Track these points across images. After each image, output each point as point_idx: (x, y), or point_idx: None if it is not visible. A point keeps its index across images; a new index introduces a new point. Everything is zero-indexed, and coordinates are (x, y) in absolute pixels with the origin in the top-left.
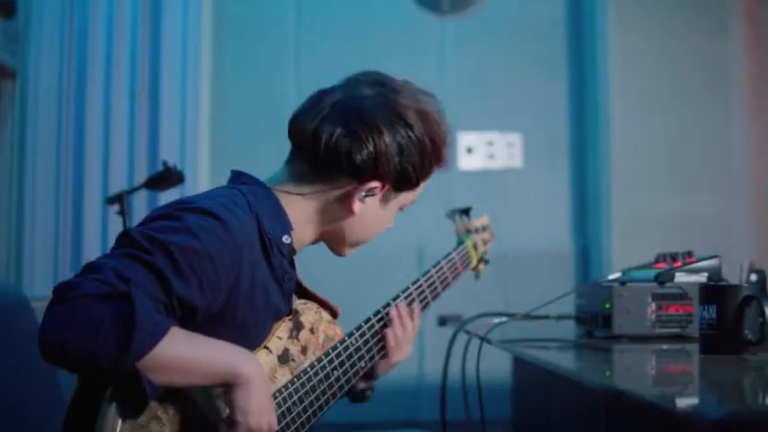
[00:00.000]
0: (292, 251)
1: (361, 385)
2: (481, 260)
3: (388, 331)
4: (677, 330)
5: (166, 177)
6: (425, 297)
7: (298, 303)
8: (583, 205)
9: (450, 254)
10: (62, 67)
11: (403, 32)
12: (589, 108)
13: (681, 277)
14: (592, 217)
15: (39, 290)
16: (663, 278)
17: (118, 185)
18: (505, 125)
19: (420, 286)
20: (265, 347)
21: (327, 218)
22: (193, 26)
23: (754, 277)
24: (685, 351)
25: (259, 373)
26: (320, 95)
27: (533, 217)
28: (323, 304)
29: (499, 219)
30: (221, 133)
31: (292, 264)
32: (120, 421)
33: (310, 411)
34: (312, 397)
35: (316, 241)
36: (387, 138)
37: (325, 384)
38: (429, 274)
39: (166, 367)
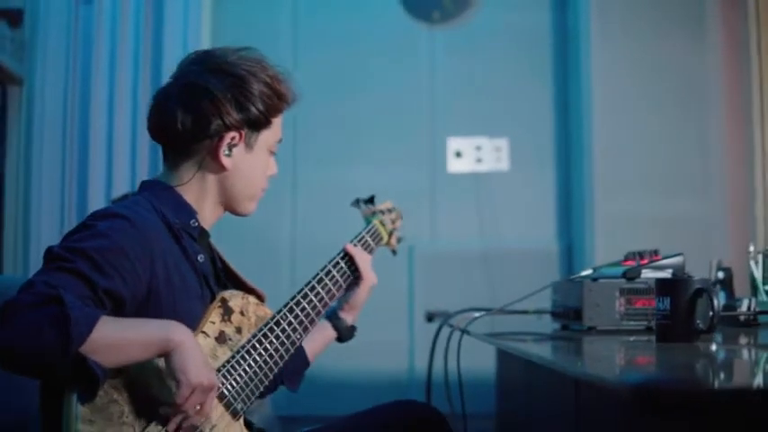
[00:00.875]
0: (204, 233)
1: (350, 320)
2: (392, 235)
3: (358, 255)
4: (644, 323)
5: None
6: (345, 272)
7: (224, 292)
8: (567, 207)
9: (360, 233)
10: (67, 74)
11: (395, 41)
12: (573, 114)
13: (648, 273)
14: (576, 218)
15: None
16: (630, 274)
17: (121, 188)
18: (493, 130)
19: (337, 263)
20: (202, 332)
21: (213, 185)
22: (193, 36)
23: (721, 274)
24: (645, 341)
25: (188, 337)
26: (156, 95)
27: (520, 218)
28: (249, 290)
29: (486, 220)
30: None
31: (210, 246)
32: (80, 407)
33: (257, 379)
34: (255, 367)
35: (223, 212)
36: (220, 97)
37: (266, 355)
38: (343, 252)
39: (106, 348)
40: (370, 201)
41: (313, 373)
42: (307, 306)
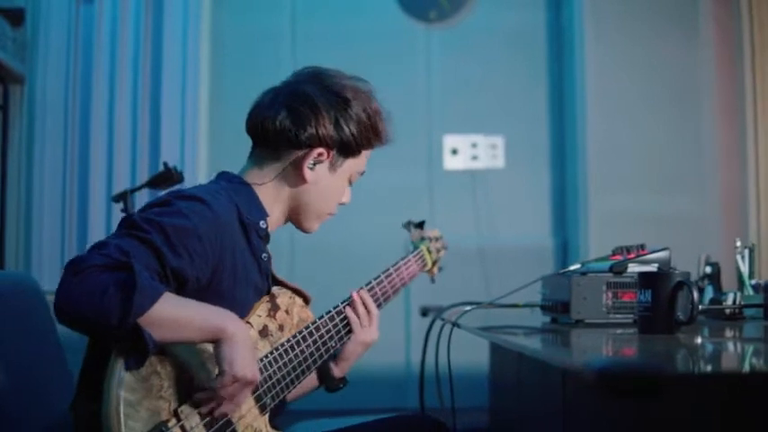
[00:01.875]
0: (267, 236)
1: (335, 371)
2: (435, 264)
3: (350, 311)
4: (631, 316)
5: (167, 177)
6: (386, 291)
7: (274, 288)
8: (562, 204)
9: (407, 256)
10: (68, 73)
11: (392, 41)
12: (568, 112)
13: (634, 268)
14: (570, 215)
15: (47, 284)
16: (617, 269)
17: (121, 185)
18: (489, 128)
19: (381, 281)
20: (247, 322)
21: (289, 194)
22: (193, 36)
23: (709, 269)
24: (630, 333)
25: (242, 331)
26: (265, 93)
27: (515, 215)
28: (296, 291)
29: (482, 217)
30: (219, 136)
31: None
32: (126, 372)
33: (288, 379)
34: (289, 367)
35: (286, 221)
36: (323, 110)
37: (301, 358)
38: (388, 272)
39: (163, 323)
40: (420, 225)
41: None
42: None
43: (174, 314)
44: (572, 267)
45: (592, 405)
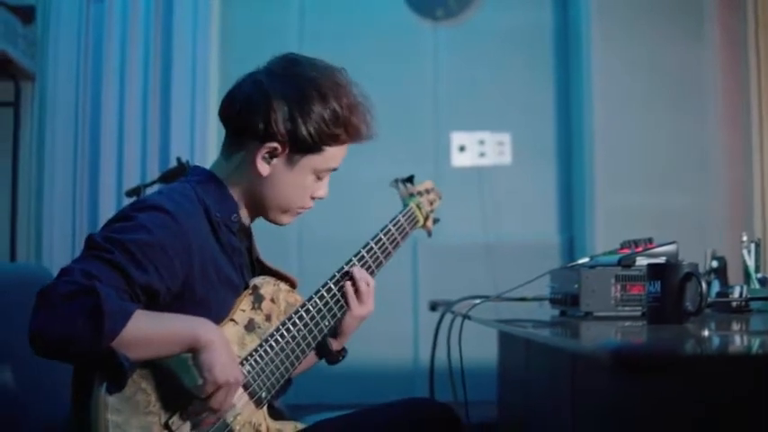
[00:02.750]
0: (243, 228)
1: (334, 345)
2: (428, 218)
3: (348, 287)
4: (639, 309)
5: (180, 172)
6: (377, 257)
7: (256, 279)
8: (569, 200)
9: (396, 216)
10: (78, 70)
11: (400, 38)
12: (574, 110)
13: (642, 261)
14: (577, 211)
15: None
16: (625, 262)
17: (131, 180)
18: (496, 125)
19: (371, 249)
20: (231, 320)
21: (247, 186)
22: (202, 33)
23: (715, 263)
24: (639, 325)
25: (217, 336)
26: (239, 79)
27: (522, 211)
28: (281, 277)
29: (489, 213)
30: None
31: (250, 239)
32: (108, 397)
33: (283, 368)
34: (282, 356)
35: (255, 214)
36: (276, 105)
37: (293, 344)
38: (378, 237)
39: (137, 343)
40: (409, 180)
41: (318, 363)
42: (337, 293)
43: (146, 332)
44: (581, 261)
45: (601, 394)
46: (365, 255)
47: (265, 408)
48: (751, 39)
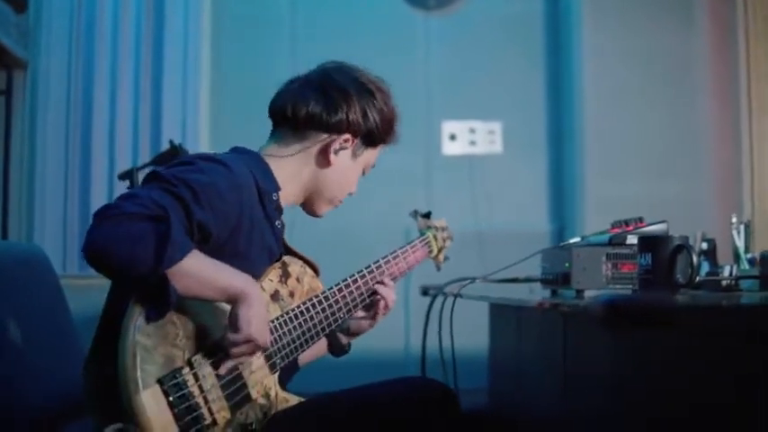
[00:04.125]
0: (279, 208)
1: (344, 340)
2: (441, 251)
3: (381, 302)
4: (630, 287)
5: (173, 155)
6: (393, 273)
7: (285, 257)
8: (559, 189)
9: (413, 241)
10: (70, 59)
11: (392, 28)
12: (565, 98)
13: (633, 240)
14: (567, 200)
15: None
16: (616, 240)
17: (123, 164)
18: (487, 114)
19: (389, 261)
20: (260, 286)
21: (310, 174)
22: (193, 22)
23: (705, 245)
24: None
25: (260, 295)
26: (291, 81)
27: (513, 200)
28: (307, 262)
29: (480, 202)
30: (220, 116)
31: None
32: (143, 318)
33: (297, 343)
34: (298, 332)
35: (299, 200)
36: (354, 98)
37: (310, 324)
38: (396, 254)
39: (189, 278)
40: (427, 216)
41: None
42: (354, 291)
43: (200, 271)
44: (572, 240)
45: (594, 368)
46: (382, 265)
47: (277, 375)
48: (741, 25)
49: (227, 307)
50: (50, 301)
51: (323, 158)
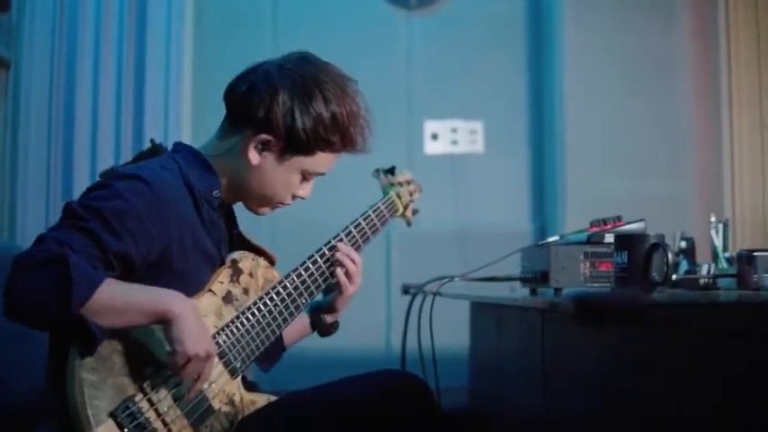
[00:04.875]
0: (223, 204)
1: (328, 319)
2: (407, 208)
3: (339, 270)
4: (608, 285)
5: (154, 153)
6: (356, 242)
7: (235, 253)
8: (540, 188)
9: (376, 204)
10: (53, 57)
11: (373, 27)
12: (546, 97)
13: (611, 239)
14: (549, 199)
15: None
16: (594, 238)
17: (105, 163)
18: (468, 113)
19: (350, 233)
20: (209, 291)
21: (233, 171)
22: (176, 21)
23: (683, 244)
24: None
25: (188, 309)
26: (249, 67)
27: (494, 199)
28: (261, 252)
29: (462, 201)
30: (202, 114)
31: (231, 216)
32: (82, 358)
33: (258, 340)
34: (258, 328)
35: (235, 198)
36: (281, 98)
37: (269, 318)
38: (357, 222)
39: (106, 311)
40: (390, 171)
41: (290, 350)
42: (315, 271)
43: (116, 301)
44: (550, 239)
45: (572, 364)
46: (344, 237)
47: (240, 378)
48: (722, 24)
49: None
50: None
51: (244, 157)
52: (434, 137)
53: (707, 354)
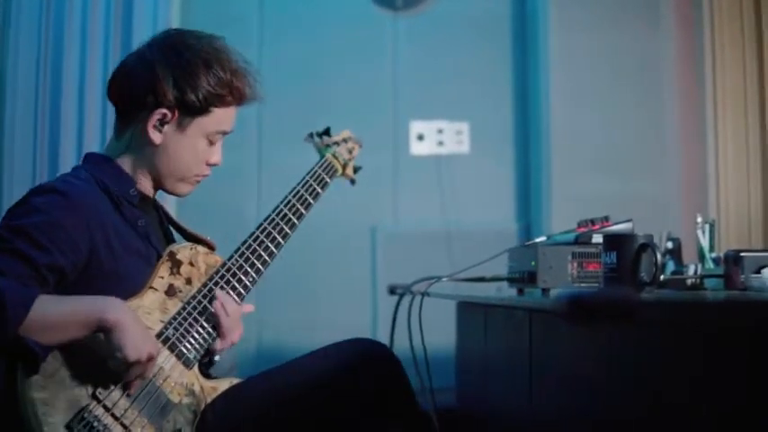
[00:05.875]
0: (146, 199)
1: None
2: (346, 166)
3: (219, 320)
4: (596, 285)
5: None
6: (297, 210)
7: (172, 246)
8: (526, 188)
9: (312, 168)
10: (39, 57)
11: (360, 28)
12: (532, 98)
13: (599, 239)
14: (534, 199)
15: None
16: (582, 239)
17: None
18: (454, 114)
19: (289, 202)
20: (151, 287)
21: (144, 160)
22: (162, 19)
23: (670, 244)
24: None
25: (124, 314)
26: (120, 62)
27: (480, 199)
28: (198, 240)
29: (448, 201)
30: None
31: (159, 210)
32: (31, 376)
33: (209, 326)
34: (207, 314)
35: (156, 187)
36: (161, 72)
37: (215, 302)
38: (295, 190)
39: (43, 328)
40: (326, 133)
41: (275, 350)
42: (258, 248)
43: (51, 317)
44: (538, 239)
45: (559, 363)
46: (283, 208)
47: (196, 368)
48: (707, 26)
49: None
50: None
51: (146, 141)
52: (420, 137)
53: (695, 354)
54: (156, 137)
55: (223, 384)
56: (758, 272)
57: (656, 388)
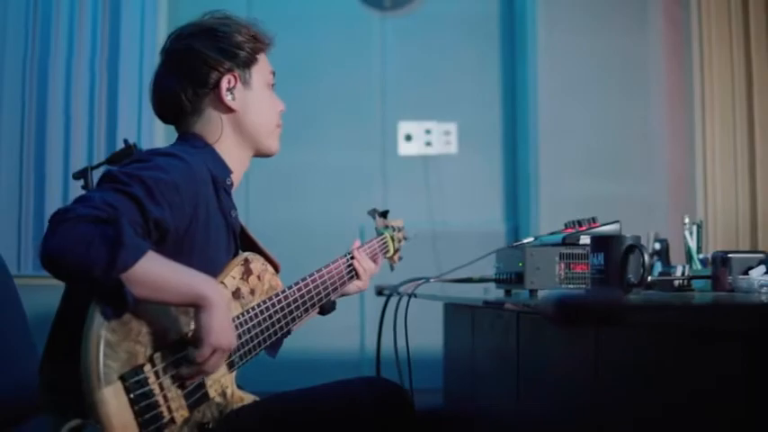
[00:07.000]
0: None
1: (332, 297)
2: (396, 252)
3: (356, 263)
4: (583, 286)
5: (127, 154)
6: (349, 272)
7: (248, 253)
8: (514, 189)
9: (372, 240)
10: (26, 57)
11: (348, 28)
12: (520, 99)
13: (586, 240)
14: (522, 200)
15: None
16: (569, 240)
17: (78, 163)
18: (442, 114)
19: (346, 260)
20: (221, 282)
21: (234, 133)
22: (150, 19)
23: (657, 245)
24: None
25: (222, 299)
26: (151, 82)
27: (468, 200)
28: (267, 259)
29: (436, 202)
30: None
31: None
32: (104, 319)
33: (255, 342)
34: (257, 330)
35: (249, 157)
36: (200, 48)
37: (268, 323)
38: (351, 255)
39: (144, 283)
40: (384, 215)
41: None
42: (312, 290)
43: (156, 275)
44: (525, 240)
45: (547, 365)
46: (340, 263)
47: (234, 374)
48: (694, 26)
49: None
50: (3, 301)
51: (226, 111)
52: (408, 138)
53: (683, 355)
54: (233, 103)
55: (248, 398)
56: (746, 273)
57: (642, 389)
